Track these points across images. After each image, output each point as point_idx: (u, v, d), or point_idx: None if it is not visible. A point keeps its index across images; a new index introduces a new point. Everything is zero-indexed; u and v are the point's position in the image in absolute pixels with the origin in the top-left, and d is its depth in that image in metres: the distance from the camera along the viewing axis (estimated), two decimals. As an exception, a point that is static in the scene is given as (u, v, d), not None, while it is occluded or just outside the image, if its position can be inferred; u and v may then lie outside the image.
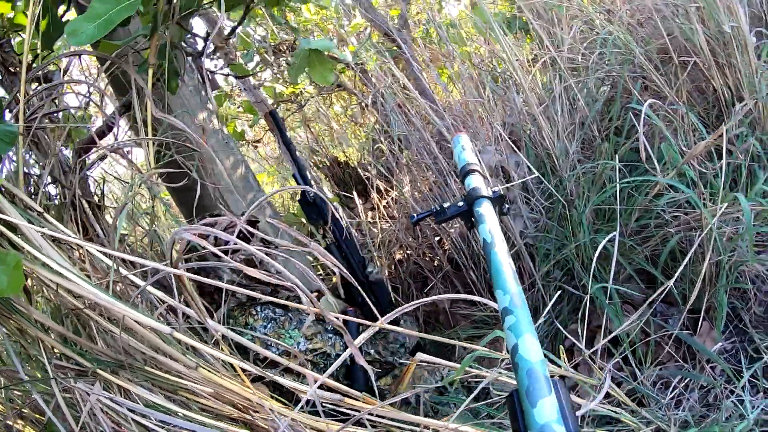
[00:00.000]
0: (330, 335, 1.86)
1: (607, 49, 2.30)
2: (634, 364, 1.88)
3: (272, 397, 1.39)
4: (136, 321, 1.12)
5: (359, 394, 1.29)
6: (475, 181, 1.13)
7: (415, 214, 1.23)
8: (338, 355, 1.81)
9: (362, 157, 3.54)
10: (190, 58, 2.14)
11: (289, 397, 1.46)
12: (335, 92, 4.12)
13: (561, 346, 1.52)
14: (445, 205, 1.13)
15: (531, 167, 1.98)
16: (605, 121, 2.29)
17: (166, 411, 1.18)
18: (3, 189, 1.23)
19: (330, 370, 1.18)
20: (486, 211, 1.03)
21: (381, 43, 3.77)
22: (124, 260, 1.29)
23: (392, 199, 2.99)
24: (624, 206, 1.88)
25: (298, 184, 2.07)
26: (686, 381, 1.88)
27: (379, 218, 2.75)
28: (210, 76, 2.76)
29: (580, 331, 1.68)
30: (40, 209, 1.22)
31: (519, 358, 0.69)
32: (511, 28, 3.45)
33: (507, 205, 1.12)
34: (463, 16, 4.14)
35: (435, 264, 2.58)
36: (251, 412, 1.23)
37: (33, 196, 1.52)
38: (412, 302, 1.13)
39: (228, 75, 3.54)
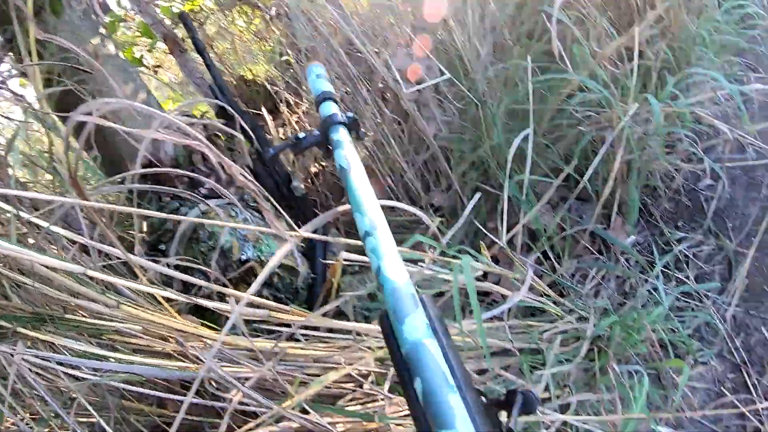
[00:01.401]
0: (300, 254, 1.86)
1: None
2: (553, 258, 1.94)
3: (204, 324, 1.35)
4: (45, 266, 1.05)
5: (288, 307, 1.27)
6: (329, 109, 1.12)
7: (271, 149, 1.22)
8: (308, 275, 1.82)
9: (269, 72, 3.44)
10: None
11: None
12: (237, 6, 3.97)
13: (481, 243, 1.53)
14: (301, 135, 1.12)
15: (442, 69, 1.96)
16: (516, 25, 2.29)
17: (96, 358, 1.14)
18: None
19: (254, 286, 1.14)
20: (341, 136, 1.04)
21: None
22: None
23: (303, 111, 2.95)
24: (537, 106, 1.90)
25: (215, 95, 2.00)
26: (603, 272, 1.97)
27: (292, 133, 2.70)
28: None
29: (499, 228, 1.72)
30: None
31: (383, 279, 0.70)
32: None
33: (363, 130, 1.15)
34: None
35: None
36: (183, 344, 1.19)
37: None
38: (332, 210, 1.13)
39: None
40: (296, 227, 1.66)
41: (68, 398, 1.19)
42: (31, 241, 1.27)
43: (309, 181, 2.65)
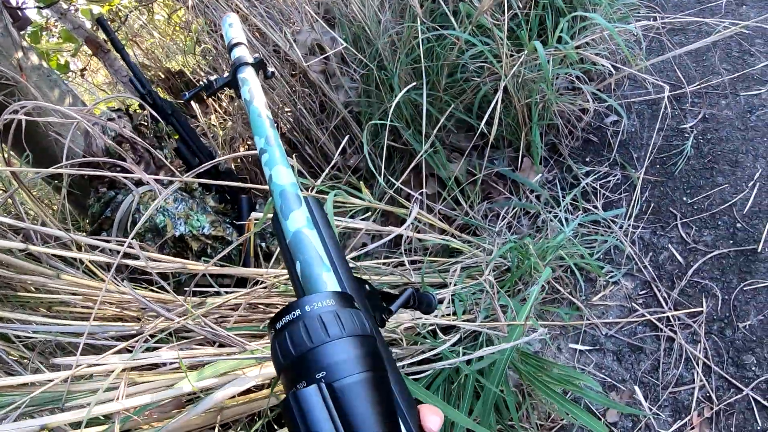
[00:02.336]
0: (228, 226, 1.97)
1: None
2: (464, 202, 2.05)
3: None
4: None
5: (197, 265, 1.41)
6: (238, 52, 1.17)
7: (186, 93, 1.25)
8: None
9: (192, 61, 3.49)
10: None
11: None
12: (155, 1, 3.99)
13: (361, 182, 1.63)
14: (213, 77, 1.18)
15: (340, 40, 2.05)
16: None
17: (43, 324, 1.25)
18: None
19: (221, 254, 1.28)
20: (248, 75, 1.09)
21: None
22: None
23: (227, 96, 3.01)
24: (433, 64, 2.00)
25: (136, 88, 2.10)
26: (515, 210, 2.09)
27: (218, 119, 2.78)
28: (19, 13, 2.64)
29: (413, 182, 1.83)
30: None
31: (273, 185, 0.78)
32: None
33: (271, 69, 1.18)
34: None
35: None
36: (121, 307, 1.31)
37: None
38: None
39: (37, 7, 3.37)
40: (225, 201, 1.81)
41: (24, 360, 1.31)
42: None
43: (239, 161, 2.73)
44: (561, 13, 2.22)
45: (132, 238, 1.26)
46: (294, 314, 0.53)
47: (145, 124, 2.06)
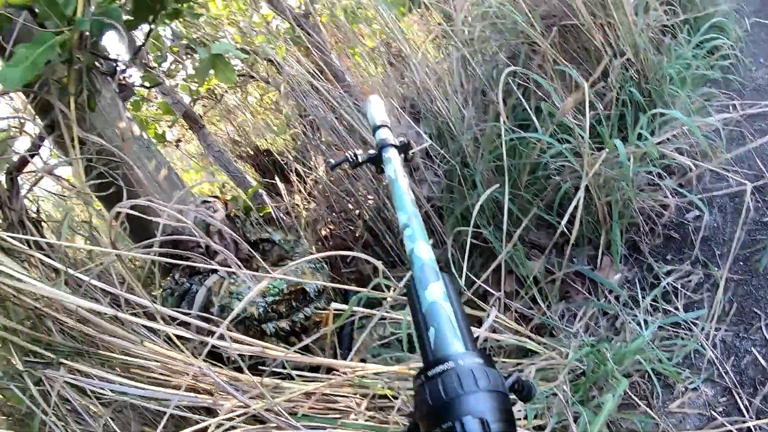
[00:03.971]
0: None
1: (498, 20, 2.45)
2: (541, 302, 2.05)
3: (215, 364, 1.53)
4: (85, 309, 1.30)
5: (277, 349, 1.46)
6: (383, 133, 1.29)
7: (332, 161, 1.38)
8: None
9: (279, 143, 3.63)
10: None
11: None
12: (249, 83, 4.19)
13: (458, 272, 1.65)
14: (359, 152, 1.30)
15: (425, 136, 2.12)
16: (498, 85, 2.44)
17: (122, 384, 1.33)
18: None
19: (231, 316, 1.33)
20: (392, 155, 1.21)
21: (290, 30, 3.86)
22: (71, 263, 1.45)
23: (312, 180, 3.11)
24: (515, 161, 2.04)
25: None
26: (593, 311, 2.06)
27: (302, 200, 2.87)
28: (126, 87, 2.84)
29: (491, 279, 1.85)
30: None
31: (414, 258, 0.85)
32: (414, 2, 3.57)
33: (411, 152, 1.31)
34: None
35: (356, 235, 2.73)
36: (195, 378, 1.38)
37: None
38: (321, 253, 1.29)
39: (142, 87, 3.60)
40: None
41: (98, 416, 1.39)
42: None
43: (320, 243, 2.81)
44: (641, 108, 2.24)
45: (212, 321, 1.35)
46: (447, 366, 0.62)
47: (239, 216, 2.16)
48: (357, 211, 2.72)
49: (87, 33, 1.66)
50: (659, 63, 2.37)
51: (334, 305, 1.50)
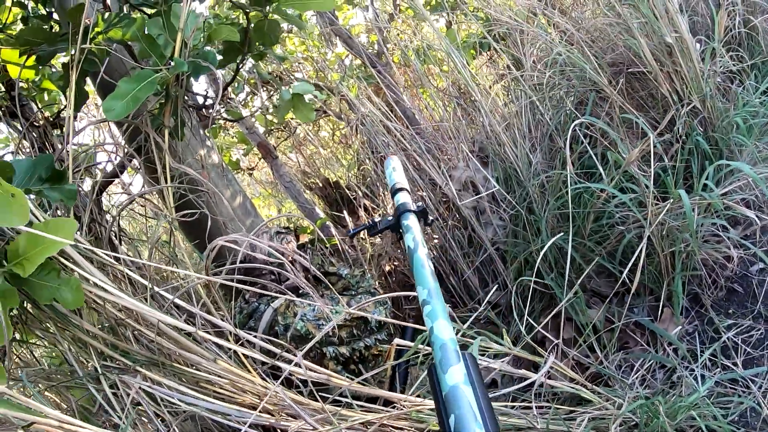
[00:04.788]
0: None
1: (566, 68, 2.51)
2: (599, 350, 2.06)
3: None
4: (167, 324, 1.43)
5: (341, 378, 1.53)
6: (402, 198, 1.29)
7: (351, 229, 1.41)
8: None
9: (349, 177, 3.71)
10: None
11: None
12: (321, 117, 4.31)
13: (504, 331, 1.71)
14: (377, 219, 1.31)
15: (492, 180, 2.17)
16: (566, 132, 2.48)
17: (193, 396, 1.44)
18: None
19: (306, 348, 1.42)
20: (411, 222, 1.19)
21: (363, 68, 3.98)
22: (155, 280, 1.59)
23: (380, 215, 3.17)
24: (580, 210, 2.07)
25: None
26: (651, 363, 2.06)
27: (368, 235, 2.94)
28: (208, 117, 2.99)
29: (550, 324, 1.88)
30: (89, 246, 1.47)
31: (434, 338, 0.83)
32: (483, 47, 3.64)
33: (431, 217, 1.30)
34: (442, 31, 4.36)
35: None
36: (261, 398, 1.46)
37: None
38: (386, 295, 1.36)
39: (225, 120, 3.77)
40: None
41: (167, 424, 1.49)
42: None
43: (383, 278, 2.87)
44: (707, 156, 2.24)
45: (277, 343, 1.44)
46: None
47: (309, 246, 2.24)
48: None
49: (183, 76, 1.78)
50: (726, 110, 2.37)
51: (398, 341, 1.55)
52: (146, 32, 1.69)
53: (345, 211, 3.14)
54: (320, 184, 4.11)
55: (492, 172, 2.32)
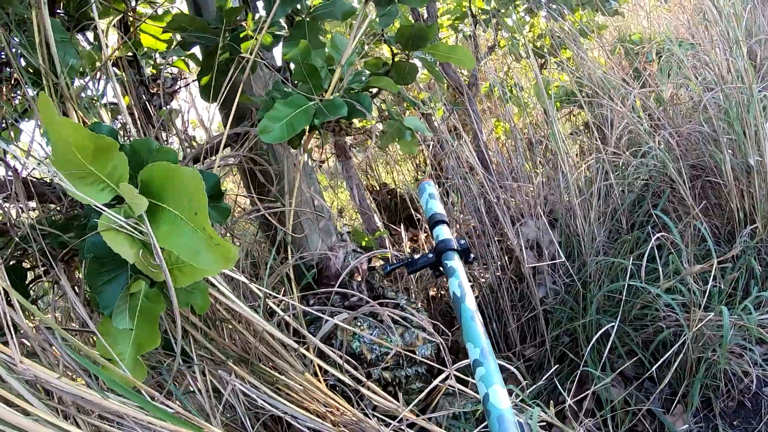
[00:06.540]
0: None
1: (647, 160, 2.63)
2: (611, 427, 2.20)
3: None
4: (270, 334, 1.54)
5: (400, 406, 1.68)
6: (443, 233, 1.16)
7: (388, 265, 1.26)
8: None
9: (409, 190, 3.73)
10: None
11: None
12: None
13: (551, 401, 1.84)
14: (416, 256, 1.16)
15: (560, 251, 2.30)
16: (633, 216, 2.62)
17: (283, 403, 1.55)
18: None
19: (380, 369, 1.56)
20: (456, 264, 1.07)
21: (450, 93, 4.07)
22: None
23: (424, 229, 3.28)
24: (629, 298, 2.20)
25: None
26: None
27: (421, 249, 3.01)
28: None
29: (572, 390, 2.02)
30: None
31: (490, 406, 0.77)
32: (569, 100, 3.73)
33: (472, 255, 1.15)
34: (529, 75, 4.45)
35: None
36: (332, 411, 1.61)
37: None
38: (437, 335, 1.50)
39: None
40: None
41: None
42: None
43: (425, 301, 2.96)
44: (754, 277, 2.37)
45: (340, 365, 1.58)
46: None
47: (377, 270, 2.38)
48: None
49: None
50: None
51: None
52: (310, 61, 1.68)
53: (402, 226, 3.21)
54: (376, 187, 4.13)
55: (557, 235, 2.43)
